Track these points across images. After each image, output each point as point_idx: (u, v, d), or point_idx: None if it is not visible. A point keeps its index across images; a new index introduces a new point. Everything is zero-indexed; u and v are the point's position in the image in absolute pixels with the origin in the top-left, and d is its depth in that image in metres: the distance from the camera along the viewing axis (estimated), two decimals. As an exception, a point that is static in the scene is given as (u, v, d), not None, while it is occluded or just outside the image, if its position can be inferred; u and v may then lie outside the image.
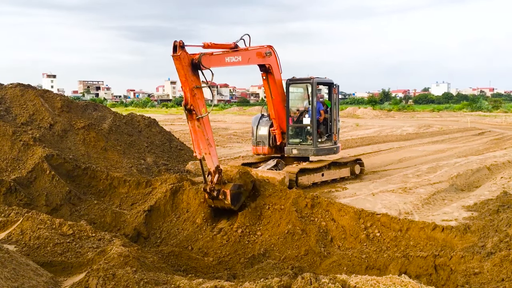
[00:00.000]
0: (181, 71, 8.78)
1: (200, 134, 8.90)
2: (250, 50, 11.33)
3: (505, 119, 44.46)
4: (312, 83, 12.95)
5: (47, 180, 11.14)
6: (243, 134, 28.51)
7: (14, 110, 14.41)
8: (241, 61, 10.84)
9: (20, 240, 7.33)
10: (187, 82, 8.77)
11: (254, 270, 7.41)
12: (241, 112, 64.51)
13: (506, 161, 16.41)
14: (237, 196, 9.39)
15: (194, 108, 8.74)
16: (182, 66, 8.73)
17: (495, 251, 6.50)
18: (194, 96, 8.80)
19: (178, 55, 8.67)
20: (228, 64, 10.51)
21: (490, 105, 70.60)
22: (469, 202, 10.57)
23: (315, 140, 12.91)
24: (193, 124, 8.86)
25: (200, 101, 8.88)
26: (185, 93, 8.80)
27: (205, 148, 8.96)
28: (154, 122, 18.23)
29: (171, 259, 7.83)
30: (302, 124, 13.23)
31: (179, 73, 8.82)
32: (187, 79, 8.78)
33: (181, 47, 8.75)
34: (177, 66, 8.76)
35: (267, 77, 12.64)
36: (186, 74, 8.78)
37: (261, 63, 12.06)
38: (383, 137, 27.29)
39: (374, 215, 8.81)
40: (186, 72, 8.80)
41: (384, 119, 50.42)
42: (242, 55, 10.93)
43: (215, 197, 9.15)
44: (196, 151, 8.99)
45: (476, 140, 25.84)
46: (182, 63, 8.72)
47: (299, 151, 13.06)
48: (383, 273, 7.04)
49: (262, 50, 11.85)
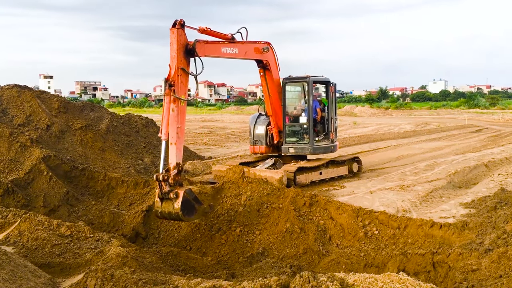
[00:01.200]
0: (174, 45, 8.68)
1: (172, 117, 8.47)
2: (247, 43, 11.29)
3: (502, 116, 44.54)
4: (308, 82, 12.94)
5: (45, 181, 11.12)
6: (241, 134, 28.49)
7: (11, 111, 14.38)
8: (237, 53, 10.80)
9: (18, 241, 7.31)
10: (177, 58, 8.64)
11: (252, 269, 7.41)
12: (239, 112, 64.46)
13: (504, 158, 16.44)
14: (189, 205, 8.32)
15: (175, 85, 8.50)
16: (177, 42, 8.66)
17: (493, 247, 6.51)
18: (179, 76, 8.64)
19: (175, 29, 8.64)
20: (224, 55, 10.47)
21: (487, 102, 70.66)
22: (466, 199, 10.59)
23: (312, 138, 12.91)
24: (169, 101, 8.46)
25: (182, 84, 8.67)
26: (171, 69, 8.62)
27: (172, 137, 8.48)
28: (152, 122, 18.24)
29: (169, 259, 7.82)
30: (298, 122, 13.22)
31: (171, 47, 8.69)
32: (177, 55, 8.66)
33: (181, 25, 8.75)
34: (171, 40, 8.68)
35: (264, 74, 12.62)
36: (178, 50, 8.68)
37: (258, 58, 12.03)
38: (381, 135, 27.31)
39: (372, 213, 8.82)
40: (179, 48, 8.71)
41: (381, 117, 50.47)
42: (239, 47, 10.89)
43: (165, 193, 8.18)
44: (162, 132, 8.45)
45: (474, 137, 25.89)
46: (178, 39, 8.66)
47: (296, 150, 13.06)
48: (381, 270, 7.05)
49: (260, 46, 11.83)
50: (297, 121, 13.29)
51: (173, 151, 8.40)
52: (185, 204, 8.20)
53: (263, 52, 11.90)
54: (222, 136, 27.47)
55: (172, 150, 8.41)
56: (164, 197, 8.23)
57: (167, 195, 8.18)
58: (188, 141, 22.97)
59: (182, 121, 8.61)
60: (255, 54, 11.74)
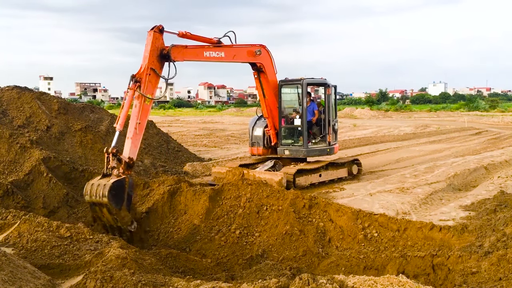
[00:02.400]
0: (148, 46, 8.93)
1: (134, 113, 8.63)
2: (238, 47, 11.34)
3: (502, 118, 44.56)
4: (302, 84, 12.92)
5: (44, 182, 11.12)
6: (241, 135, 28.49)
7: (11, 113, 14.38)
8: (223, 57, 10.88)
9: (17, 242, 7.31)
10: (148, 59, 8.88)
11: (252, 271, 7.41)
12: (239, 113, 64.51)
13: (503, 161, 16.44)
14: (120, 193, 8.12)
15: (142, 83, 8.68)
16: (152, 44, 8.92)
17: (493, 250, 6.51)
18: (147, 76, 8.82)
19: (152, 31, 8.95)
20: (207, 59, 10.59)
21: (487, 105, 70.76)
22: (466, 202, 10.59)
23: (305, 140, 12.90)
24: (131, 95, 8.65)
25: (150, 84, 8.85)
26: (141, 67, 8.85)
27: (130, 132, 8.57)
28: (152, 123, 18.24)
29: (169, 261, 7.81)
30: (293, 125, 13.22)
31: (145, 47, 8.94)
32: (150, 56, 8.90)
33: (160, 30, 9.02)
34: (147, 41, 8.97)
35: (259, 76, 12.65)
36: (151, 51, 8.92)
37: (251, 61, 12.05)
38: (381, 137, 27.32)
39: (372, 215, 8.82)
40: (152, 50, 8.95)
41: (381, 119, 50.48)
42: (226, 51, 10.94)
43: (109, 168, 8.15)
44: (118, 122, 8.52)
45: (473, 140, 25.90)
46: (153, 41, 8.93)
47: (291, 152, 13.07)
48: (381, 273, 7.05)
49: (253, 49, 11.84)
50: (292, 123, 13.29)
51: (128, 145, 8.49)
52: (117, 188, 8.04)
53: (256, 55, 11.91)
54: (222, 138, 27.47)
55: (128, 144, 8.49)
56: (107, 172, 8.19)
57: (110, 170, 8.16)
58: (188, 143, 22.98)
59: (144, 118, 8.77)
60: (247, 57, 11.77)
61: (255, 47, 11.92)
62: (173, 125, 38.90)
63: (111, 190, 7.96)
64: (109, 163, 8.20)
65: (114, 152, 8.17)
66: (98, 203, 8.17)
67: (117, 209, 8.13)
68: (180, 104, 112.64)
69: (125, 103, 8.66)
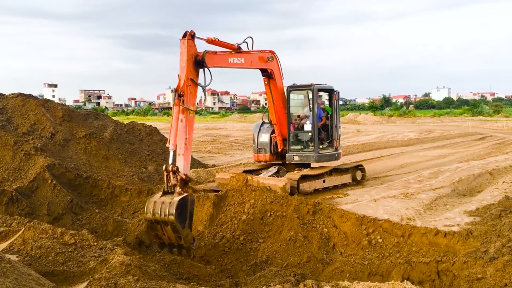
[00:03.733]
0: (184, 55, 8.72)
1: (182, 128, 8.45)
2: (253, 53, 11.35)
3: (506, 123, 44.40)
4: (313, 90, 12.99)
5: (49, 189, 11.15)
6: (244, 142, 28.50)
7: (16, 120, 14.45)
8: (243, 63, 10.86)
9: (22, 249, 7.33)
10: (186, 69, 8.70)
11: (256, 278, 7.39)
12: (242, 120, 64.56)
13: (508, 166, 16.39)
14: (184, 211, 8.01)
15: (185, 96, 8.51)
16: (187, 52, 8.71)
17: (498, 256, 6.48)
18: (188, 87, 8.67)
19: (186, 39, 8.69)
20: (231, 65, 10.53)
21: (491, 110, 70.53)
22: (471, 207, 10.54)
23: (317, 146, 12.92)
24: (177, 111, 8.45)
25: (191, 95, 8.71)
26: (180, 80, 8.67)
27: (180, 148, 8.43)
28: (155, 130, 18.28)
29: (173, 267, 7.81)
30: (303, 130, 13.24)
31: (181, 57, 8.74)
32: (187, 66, 8.71)
33: (192, 36, 8.80)
34: (182, 50, 8.73)
35: (268, 82, 12.68)
36: (187, 61, 8.72)
37: (263, 67, 12.09)
38: (384, 143, 27.27)
39: (376, 221, 8.79)
40: (189, 59, 8.75)
41: (385, 124, 50.41)
42: (245, 57, 10.95)
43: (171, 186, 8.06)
44: (170, 142, 8.40)
45: (478, 145, 25.81)
46: (188, 49, 8.72)
47: (301, 158, 13.06)
48: (385, 279, 7.02)
49: (265, 55, 11.90)
50: (302, 129, 13.31)
51: (180, 162, 8.33)
52: (182, 206, 7.92)
53: (268, 61, 11.95)
54: (226, 144, 27.49)
55: (180, 161, 8.33)
56: (168, 190, 8.10)
57: (172, 188, 8.06)
58: (191, 149, 22.99)
59: (190, 131, 8.62)
60: (260, 63, 11.80)
61: (266, 53, 11.98)
62: (177, 131, 38.91)
63: (177, 208, 7.83)
64: (170, 180, 8.09)
65: (174, 170, 8.09)
66: (163, 221, 7.99)
67: (181, 228, 7.97)
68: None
69: (173, 120, 8.43)
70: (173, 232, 8.03)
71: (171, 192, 8.09)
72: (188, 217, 8.12)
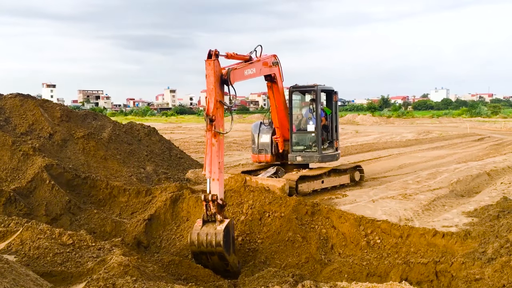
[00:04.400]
0: (212, 77, 8.38)
1: (214, 152, 8.28)
2: (261, 60, 11.18)
3: (505, 124, 44.50)
4: (316, 90, 13.01)
5: (47, 189, 11.14)
6: (243, 142, 28.51)
7: (14, 120, 14.44)
8: (255, 73, 10.67)
9: (19, 250, 7.32)
10: (214, 91, 8.35)
11: (254, 278, 7.39)
12: (241, 120, 64.55)
13: (506, 167, 16.41)
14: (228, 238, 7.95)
15: (216, 119, 8.28)
16: (214, 73, 8.38)
17: (496, 257, 6.49)
18: (217, 109, 8.39)
19: (212, 60, 8.36)
20: (246, 78, 10.21)
21: (489, 111, 70.72)
22: (469, 208, 10.56)
23: (320, 146, 12.96)
24: (210, 136, 8.29)
25: (220, 117, 8.47)
26: (209, 103, 8.34)
27: (214, 173, 8.23)
28: (154, 130, 18.27)
29: (171, 268, 7.81)
30: (306, 131, 13.25)
31: (208, 80, 8.40)
32: (215, 88, 8.38)
33: (216, 55, 8.48)
34: (208, 72, 8.38)
35: (271, 86, 12.62)
36: (215, 83, 8.40)
37: (268, 73, 11.96)
38: (383, 144, 27.30)
39: (375, 221, 8.80)
40: (216, 81, 8.44)
41: (383, 125, 50.47)
42: (256, 67, 10.72)
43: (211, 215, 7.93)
44: (206, 169, 8.24)
45: (476, 146, 25.85)
46: (214, 70, 8.39)
47: (304, 158, 13.07)
48: (384, 280, 7.02)
49: (269, 60, 11.79)
50: (305, 129, 13.31)
51: (215, 186, 8.15)
52: (227, 234, 7.81)
53: (272, 66, 11.90)
54: (224, 144, 27.45)
55: (215, 186, 8.14)
56: (209, 219, 7.93)
57: (213, 217, 7.91)
58: (190, 150, 23.01)
59: (222, 154, 8.46)
60: (265, 69, 11.63)
61: (270, 58, 11.89)
62: (176, 132, 38.95)
63: (223, 238, 7.71)
64: (210, 209, 7.92)
65: (214, 199, 7.94)
66: (209, 252, 7.85)
67: (228, 255, 7.87)
68: (182, 111, 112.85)
69: (208, 146, 8.25)
70: (220, 260, 7.90)
71: (212, 221, 7.91)
72: (232, 242, 8.04)
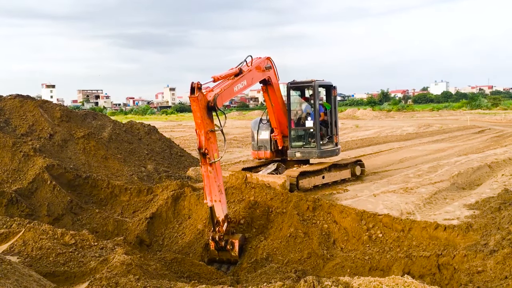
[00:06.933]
0: (198, 113, 8.41)
1: (212, 179, 8.49)
2: (252, 70, 10.97)
3: (505, 116, 44.47)
4: (314, 86, 12.97)
5: (48, 190, 11.15)
6: (243, 139, 28.50)
7: (14, 121, 14.43)
8: (246, 84, 10.53)
9: (22, 251, 7.33)
10: (202, 124, 8.40)
11: (257, 275, 7.41)
12: (241, 117, 64.56)
13: (507, 158, 16.40)
14: (243, 248, 8.94)
15: (208, 152, 8.39)
16: (199, 108, 8.39)
17: (498, 249, 6.50)
18: (209, 140, 8.43)
19: (196, 96, 8.33)
20: (237, 93, 10.23)
21: (490, 103, 70.63)
22: (470, 201, 10.56)
23: (319, 142, 12.94)
24: (206, 169, 8.45)
25: (213, 145, 8.55)
26: (200, 136, 8.41)
27: (215, 195, 8.52)
28: (154, 129, 18.26)
29: (174, 266, 7.82)
30: (305, 127, 13.22)
31: (195, 114, 8.46)
32: (202, 121, 8.42)
33: (199, 89, 8.45)
34: (194, 108, 8.43)
35: (266, 89, 12.54)
36: (202, 116, 8.41)
37: (262, 78, 11.84)
38: (383, 138, 27.29)
39: (376, 216, 8.80)
40: (202, 114, 8.45)
41: (383, 119, 50.44)
42: (247, 78, 10.52)
43: (222, 247, 8.66)
44: (207, 198, 8.57)
45: (476, 138, 25.84)
46: (199, 104, 8.39)
47: (303, 154, 13.06)
48: (386, 274, 7.03)
49: (262, 64, 11.65)
50: (304, 125, 13.29)
51: (218, 207, 8.57)
52: (240, 249, 8.76)
53: (265, 70, 11.80)
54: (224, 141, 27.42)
55: (218, 207, 8.57)
56: (220, 249, 8.75)
57: (224, 248, 8.69)
58: (190, 147, 23.00)
59: (220, 176, 8.69)
60: (258, 74, 11.48)
61: (263, 62, 11.78)
62: (176, 130, 38.94)
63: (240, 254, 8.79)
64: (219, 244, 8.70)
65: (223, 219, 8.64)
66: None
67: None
68: (182, 109, 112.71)
69: (205, 179, 8.52)
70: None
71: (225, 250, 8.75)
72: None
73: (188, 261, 8.15)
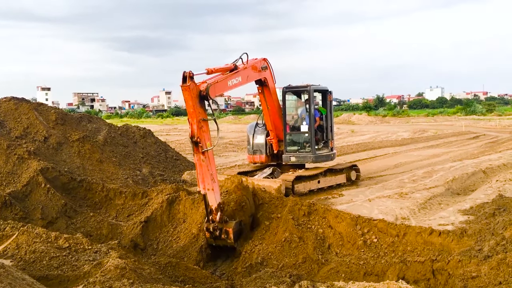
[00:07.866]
0: (190, 102, 8.52)
1: (204, 168, 8.61)
2: (248, 68, 11.09)
3: (499, 122, 44.70)
4: (309, 91, 12.99)
5: (43, 193, 11.09)
6: (239, 143, 28.49)
7: (9, 124, 14.37)
8: (241, 81, 10.61)
9: (15, 254, 7.29)
10: (194, 113, 8.50)
11: (252, 279, 7.39)
12: (237, 121, 64.53)
13: (501, 164, 16.46)
14: (239, 233, 9.19)
15: (201, 140, 8.49)
16: (191, 97, 8.49)
17: (492, 254, 6.51)
18: (201, 129, 8.54)
19: (187, 85, 8.41)
20: (231, 88, 10.34)
21: (484, 109, 70.95)
22: (465, 206, 10.59)
23: (313, 147, 12.94)
24: (199, 158, 8.57)
25: (206, 134, 8.65)
26: (192, 125, 8.52)
27: (208, 184, 8.65)
28: (149, 132, 18.22)
29: (168, 270, 7.79)
30: (300, 131, 13.23)
31: (187, 104, 8.58)
32: (195, 110, 8.51)
33: (191, 78, 8.53)
34: (185, 97, 8.53)
35: (262, 90, 12.57)
36: (194, 105, 8.51)
37: (258, 78, 11.90)
38: (379, 143, 27.35)
39: (371, 221, 8.81)
40: (194, 103, 8.55)
41: (379, 124, 50.57)
42: (242, 75, 10.68)
43: (217, 236, 8.91)
44: (200, 186, 8.70)
45: (471, 144, 25.94)
46: (191, 94, 8.48)
47: (298, 159, 13.05)
48: (381, 279, 7.03)
49: (258, 65, 11.70)
50: (299, 130, 13.30)
51: (211, 196, 8.73)
52: (235, 236, 9.03)
53: (262, 71, 11.84)
54: (220, 145, 27.44)
55: (211, 195, 8.73)
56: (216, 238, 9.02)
57: (219, 237, 8.94)
58: (186, 151, 22.97)
59: (213, 165, 8.85)
60: (254, 74, 11.56)
61: (259, 62, 11.83)
62: (171, 133, 38.88)
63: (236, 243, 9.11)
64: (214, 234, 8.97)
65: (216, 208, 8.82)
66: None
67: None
68: (178, 113, 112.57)
69: (198, 167, 8.67)
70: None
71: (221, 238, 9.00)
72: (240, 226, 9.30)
73: (183, 265, 8.13)
